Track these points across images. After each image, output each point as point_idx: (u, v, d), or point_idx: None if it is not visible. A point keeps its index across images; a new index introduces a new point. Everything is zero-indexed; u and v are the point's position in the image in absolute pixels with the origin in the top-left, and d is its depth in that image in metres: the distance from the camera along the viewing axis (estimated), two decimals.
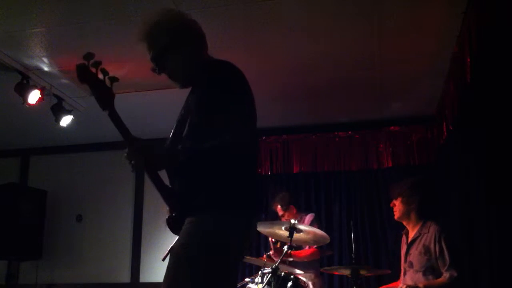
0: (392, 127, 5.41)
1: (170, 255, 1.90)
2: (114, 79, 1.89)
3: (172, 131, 2.09)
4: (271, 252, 4.13)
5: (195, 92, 2.05)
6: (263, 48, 3.95)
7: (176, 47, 2.03)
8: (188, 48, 2.05)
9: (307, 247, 4.32)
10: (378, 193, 5.29)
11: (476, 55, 3.15)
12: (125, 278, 5.81)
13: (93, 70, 1.84)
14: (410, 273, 3.52)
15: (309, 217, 4.41)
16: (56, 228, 6.01)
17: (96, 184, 6.07)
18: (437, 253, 3.40)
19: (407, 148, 5.32)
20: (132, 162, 1.85)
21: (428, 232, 3.51)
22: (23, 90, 4.17)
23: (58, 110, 4.63)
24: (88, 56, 1.84)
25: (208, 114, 1.89)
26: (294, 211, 4.53)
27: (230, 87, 1.90)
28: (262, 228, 3.77)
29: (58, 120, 4.64)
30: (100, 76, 1.86)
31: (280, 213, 4.54)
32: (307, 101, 5.00)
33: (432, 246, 3.43)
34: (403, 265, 3.63)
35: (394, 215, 3.72)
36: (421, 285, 3.37)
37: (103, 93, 1.86)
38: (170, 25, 2.05)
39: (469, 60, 3.26)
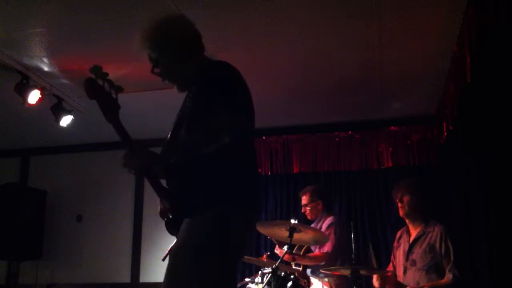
0: (392, 127, 5.40)
1: (169, 256, 1.90)
2: (119, 89, 1.90)
3: (170, 133, 2.09)
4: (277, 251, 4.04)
5: (193, 93, 2.04)
6: (263, 48, 3.95)
7: (171, 52, 2.01)
8: (184, 51, 2.03)
9: (316, 250, 4.20)
10: (378, 193, 5.29)
11: (476, 55, 3.15)
12: (125, 278, 5.81)
13: (100, 82, 1.85)
14: (411, 271, 3.52)
15: (329, 220, 4.27)
16: (56, 228, 6.01)
17: (96, 184, 6.07)
18: (443, 252, 3.42)
19: (407, 148, 5.31)
20: (132, 171, 1.87)
21: (433, 231, 3.52)
22: (23, 90, 4.17)
23: (58, 110, 4.63)
24: (95, 69, 1.84)
25: (208, 115, 1.88)
26: (320, 207, 4.39)
27: (229, 87, 1.90)
28: (262, 228, 3.76)
29: (58, 120, 4.64)
30: (106, 86, 1.87)
31: (305, 202, 4.43)
32: (307, 101, 4.99)
33: (437, 245, 3.45)
34: (403, 263, 3.63)
35: (399, 212, 3.69)
36: (425, 286, 3.37)
37: (110, 106, 1.87)
38: (163, 31, 2.02)
39: (469, 60, 3.26)
